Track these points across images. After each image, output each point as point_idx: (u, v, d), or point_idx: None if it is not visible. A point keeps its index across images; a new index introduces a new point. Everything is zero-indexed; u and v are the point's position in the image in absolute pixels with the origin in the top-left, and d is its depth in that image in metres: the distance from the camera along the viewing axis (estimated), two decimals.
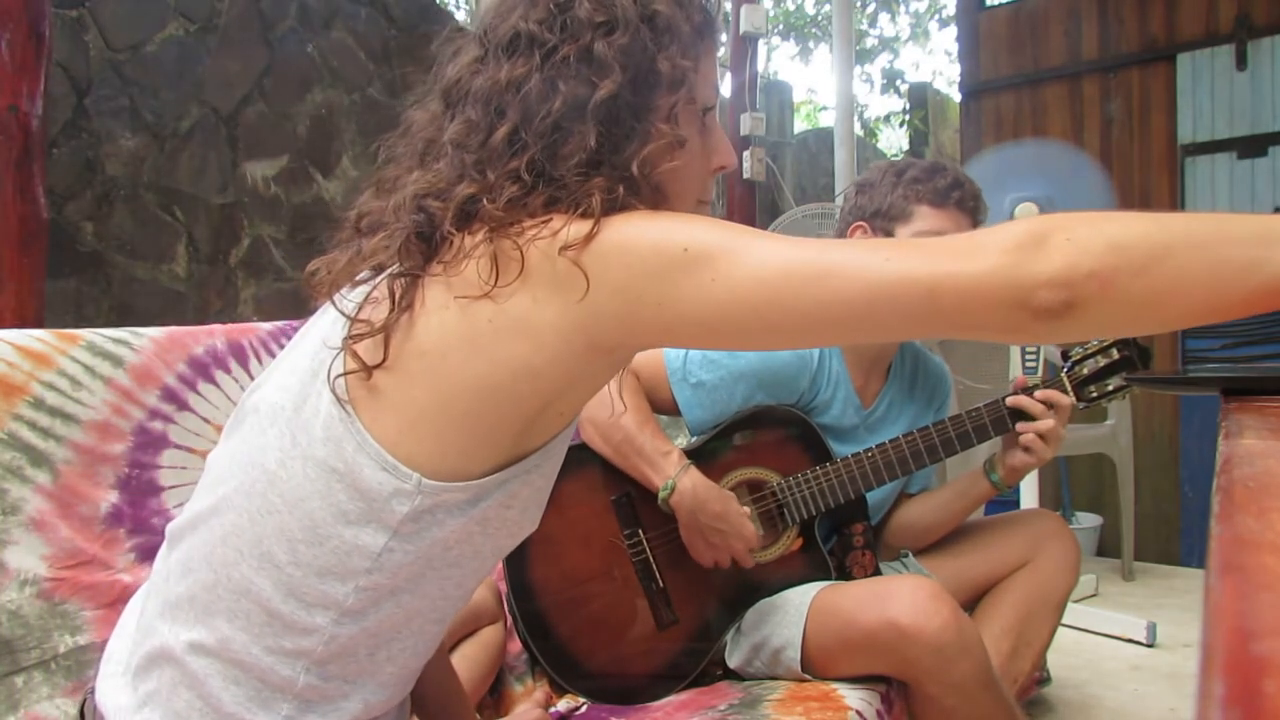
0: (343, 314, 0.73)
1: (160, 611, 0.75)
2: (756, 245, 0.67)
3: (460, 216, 0.71)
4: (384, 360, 0.69)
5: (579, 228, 0.67)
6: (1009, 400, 1.42)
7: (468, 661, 1.31)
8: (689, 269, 0.66)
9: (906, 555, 1.58)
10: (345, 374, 0.70)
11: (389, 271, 0.72)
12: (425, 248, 0.72)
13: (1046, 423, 1.39)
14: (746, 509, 1.33)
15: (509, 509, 0.74)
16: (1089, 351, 1.44)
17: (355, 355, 0.69)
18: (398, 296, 0.70)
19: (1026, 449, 1.41)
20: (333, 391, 0.70)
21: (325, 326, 0.75)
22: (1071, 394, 1.42)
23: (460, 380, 0.68)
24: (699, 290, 0.66)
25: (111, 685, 0.75)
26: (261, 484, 0.72)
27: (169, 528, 0.80)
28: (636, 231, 0.68)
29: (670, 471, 1.31)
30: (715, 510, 1.30)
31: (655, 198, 0.75)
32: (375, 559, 0.70)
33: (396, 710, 0.82)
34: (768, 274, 0.65)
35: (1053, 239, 0.61)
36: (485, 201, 0.70)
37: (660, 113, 0.75)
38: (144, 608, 0.78)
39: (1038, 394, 1.40)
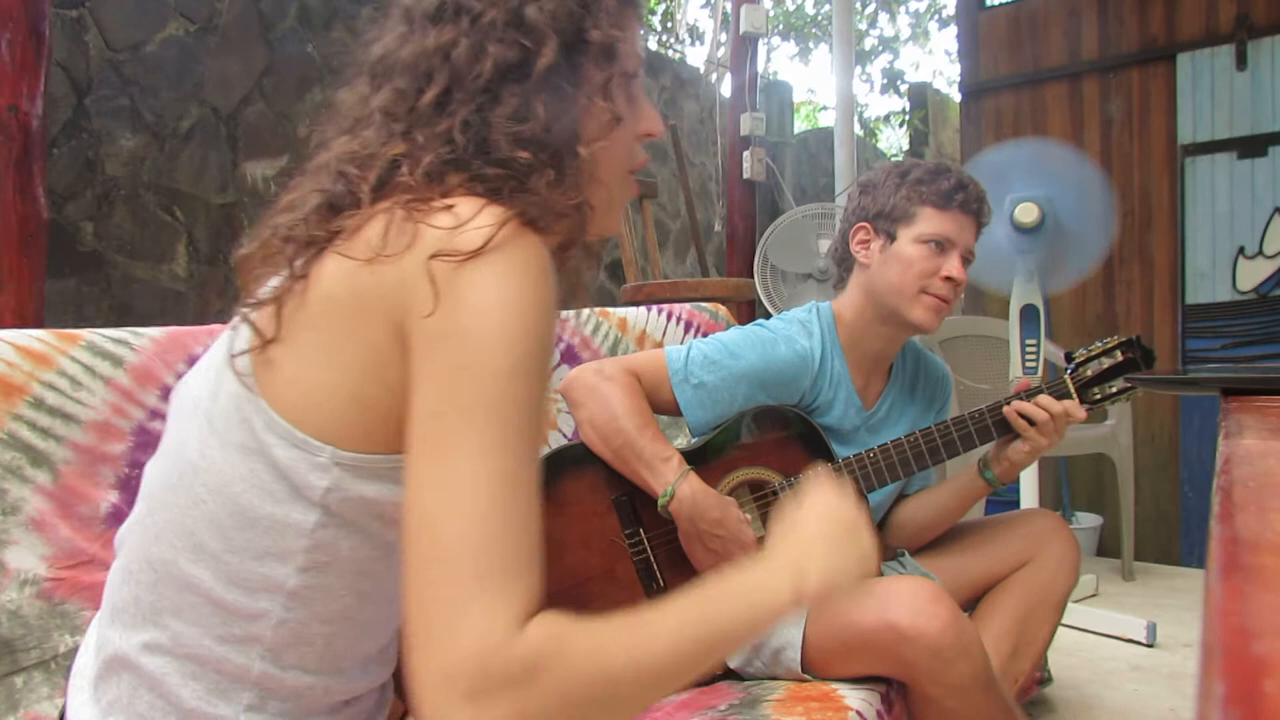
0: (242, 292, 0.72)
1: (110, 619, 0.74)
2: (482, 434, 0.62)
3: (378, 185, 0.70)
4: (278, 333, 0.68)
5: (470, 239, 0.64)
6: (1014, 406, 1.41)
7: None
8: (446, 381, 0.62)
9: (903, 555, 1.58)
10: (242, 352, 0.69)
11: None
12: (332, 215, 0.70)
13: (1043, 414, 1.39)
14: (746, 515, 1.33)
15: None
16: (1092, 353, 1.44)
17: (254, 329, 0.69)
18: (294, 264, 0.69)
19: (1023, 438, 1.40)
20: (234, 370, 0.69)
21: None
22: (1074, 396, 1.42)
23: (346, 356, 0.67)
24: (424, 401, 0.63)
25: (78, 700, 0.75)
26: (187, 477, 0.71)
27: (116, 536, 0.79)
28: (489, 305, 0.63)
29: (670, 477, 1.30)
30: (714, 517, 1.29)
31: (584, 175, 0.73)
32: (310, 535, 0.69)
33: (377, 694, 0.81)
34: (446, 463, 0.61)
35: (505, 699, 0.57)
36: (405, 169, 0.69)
37: (593, 85, 0.74)
38: (98, 618, 0.78)
39: (1049, 405, 1.39)
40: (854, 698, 1.21)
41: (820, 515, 0.76)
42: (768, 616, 0.69)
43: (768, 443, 1.42)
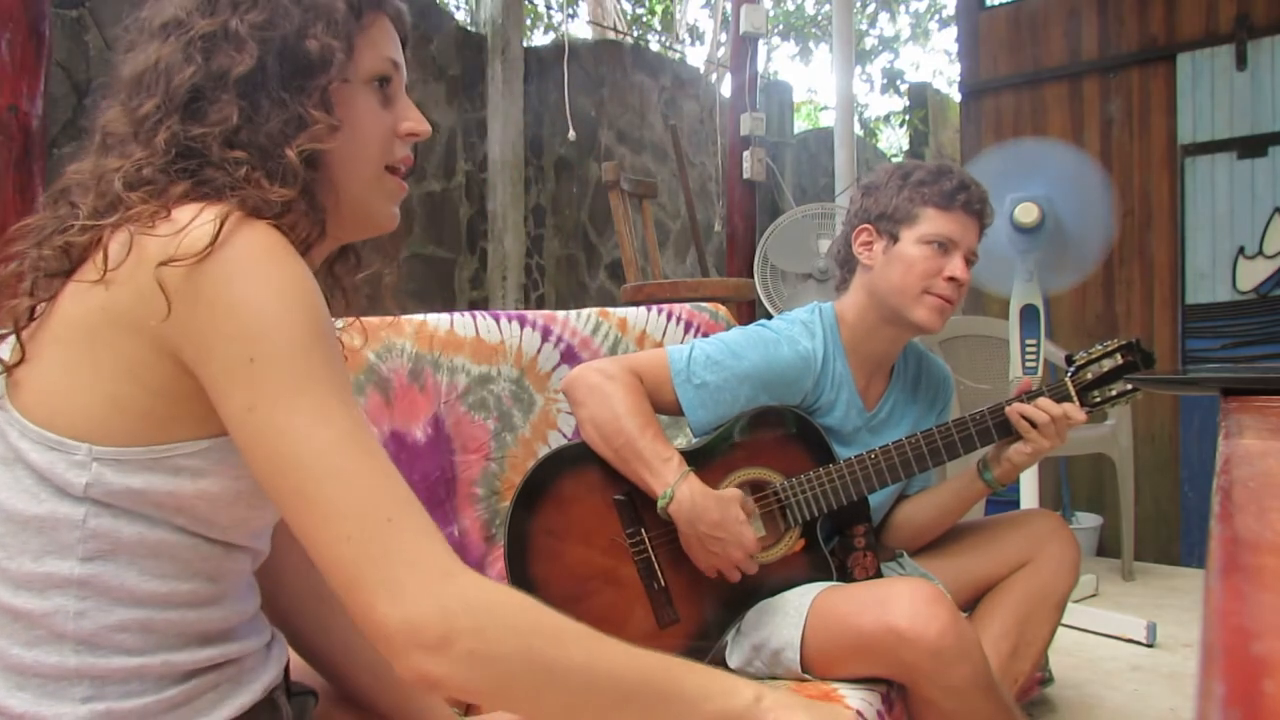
0: None
1: None
2: (296, 410, 0.66)
3: (102, 206, 0.72)
4: (22, 358, 0.71)
5: (195, 239, 0.66)
6: (1016, 408, 1.41)
7: None
8: (244, 380, 0.66)
9: (902, 555, 1.58)
10: None
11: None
12: (63, 240, 0.72)
13: (1045, 416, 1.39)
14: (745, 516, 1.33)
15: (236, 479, 0.73)
16: (1093, 356, 1.44)
17: None
18: (35, 293, 0.72)
19: (1024, 439, 1.40)
20: None
21: None
22: (1075, 398, 1.42)
23: (91, 368, 0.69)
24: (235, 404, 0.67)
25: None
26: None
27: None
28: (248, 295, 0.67)
29: (670, 479, 1.30)
30: (713, 519, 1.29)
31: (315, 178, 0.75)
32: (82, 527, 0.70)
33: (255, 655, 0.80)
34: (271, 453, 0.66)
35: (458, 646, 0.63)
36: (120, 186, 0.71)
37: (310, 95, 0.75)
38: None
39: (1049, 407, 1.39)
40: (854, 698, 1.21)
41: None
42: (717, 709, 0.71)
43: (769, 443, 1.42)
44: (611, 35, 7.25)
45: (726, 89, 4.48)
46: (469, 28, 4.69)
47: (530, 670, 0.66)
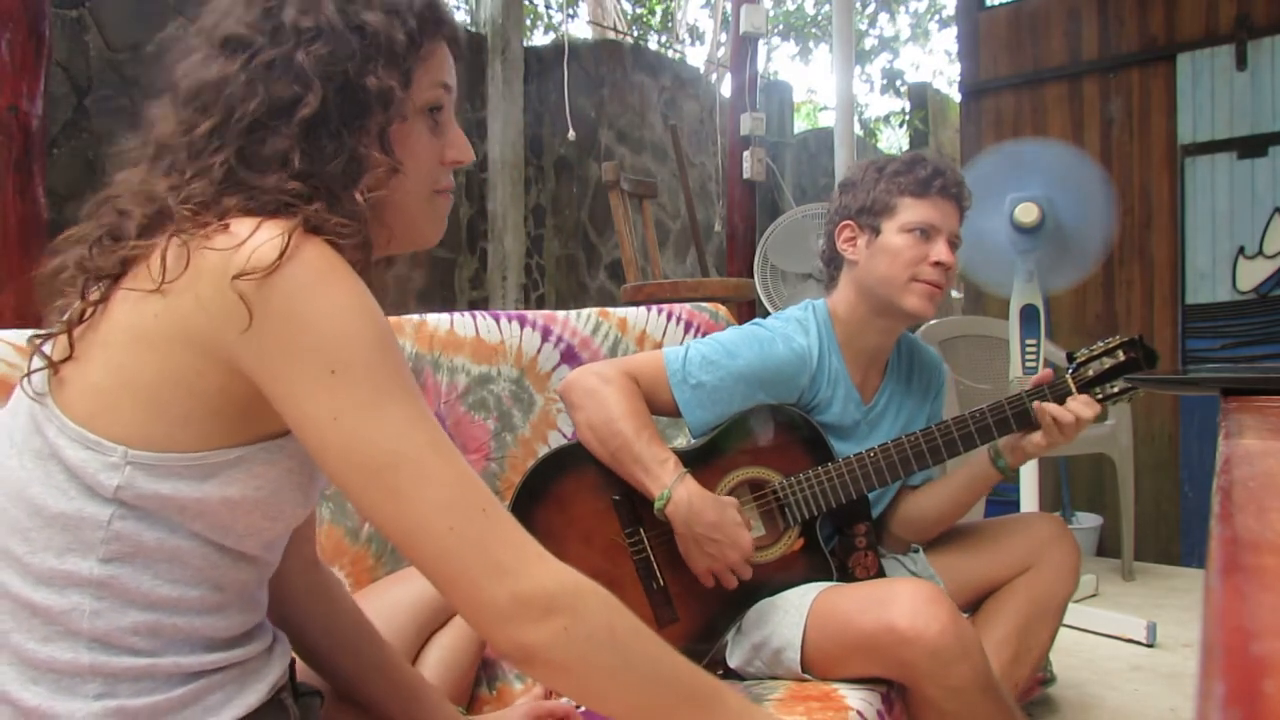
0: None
1: None
2: (384, 417, 0.69)
3: (153, 216, 0.73)
4: (70, 355, 0.72)
5: (264, 253, 0.67)
6: (1048, 409, 1.39)
7: (445, 651, 1.27)
8: (325, 390, 0.68)
9: (918, 551, 1.58)
10: (32, 371, 0.74)
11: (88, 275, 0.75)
12: (116, 247, 0.73)
13: (1068, 415, 1.38)
14: (742, 518, 1.33)
15: (257, 489, 0.75)
16: (1094, 353, 1.43)
17: (42, 354, 0.73)
18: (86, 294, 0.73)
19: (1043, 432, 1.40)
20: (25, 390, 0.74)
21: None
22: (1075, 395, 1.41)
23: (136, 372, 0.71)
24: (318, 412, 0.69)
25: None
26: None
27: None
28: (321, 309, 0.68)
29: (666, 480, 1.30)
30: (710, 520, 1.29)
31: (367, 215, 0.76)
32: (106, 528, 0.71)
33: (258, 658, 0.81)
34: (363, 458, 0.69)
35: (557, 620, 0.70)
36: (173, 200, 0.72)
37: (370, 134, 0.76)
38: None
39: (1079, 410, 1.38)
40: (855, 697, 1.21)
41: None
42: None
43: (767, 442, 1.42)
44: (611, 35, 7.25)
45: (726, 89, 4.48)
46: (469, 28, 4.69)
47: (612, 651, 0.72)
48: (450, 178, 0.85)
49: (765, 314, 1.65)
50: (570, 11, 7.54)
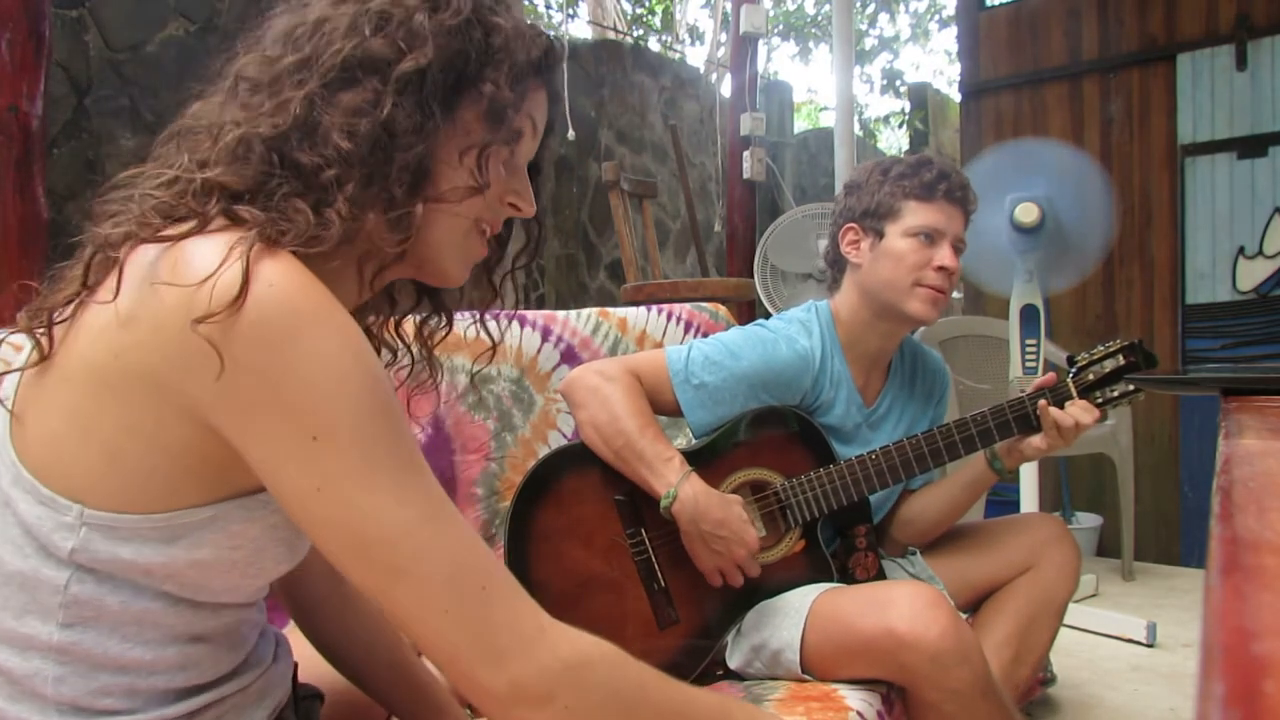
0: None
1: None
2: (374, 488, 0.61)
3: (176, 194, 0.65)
4: (48, 353, 0.65)
5: (225, 287, 0.58)
6: (1054, 413, 1.39)
7: None
8: (306, 458, 0.60)
9: (915, 554, 1.58)
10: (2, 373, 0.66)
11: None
12: (163, 223, 0.65)
13: (1068, 419, 1.38)
14: (748, 515, 1.33)
15: (233, 549, 0.68)
16: (1094, 356, 1.43)
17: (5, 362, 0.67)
18: (53, 319, 0.65)
19: (1043, 434, 1.40)
20: None
21: None
22: (1076, 399, 1.41)
23: (93, 418, 0.63)
24: (299, 483, 0.61)
25: None
26: None
27: None
28: (300, 361, 0.59)
29: (672, 479, 1.30)
30: (716, 518, 1.29)
31: (417, 226, 0.68)
32: (64, 592, 0.64)
33: (238, 695, 0.75)
34: (351, 533, 0.62)
35: (558, 702, 0.65)
36: (202, 176, 0.64)
37: (468, 138, 0.69)
38: None
39: (1080, 415, 1.38)
40: (854, 698, 1.21)
41: None
42: None
43: (769, 443, 1.41)
44: (611, 35, 7.25)
45: (726, 89, 4.48)
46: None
47: (619, 716, 0.69)
48: (500, 222, 0.78)
49: (765, 314, 1.65)
50: (570, 12, 7.55)
